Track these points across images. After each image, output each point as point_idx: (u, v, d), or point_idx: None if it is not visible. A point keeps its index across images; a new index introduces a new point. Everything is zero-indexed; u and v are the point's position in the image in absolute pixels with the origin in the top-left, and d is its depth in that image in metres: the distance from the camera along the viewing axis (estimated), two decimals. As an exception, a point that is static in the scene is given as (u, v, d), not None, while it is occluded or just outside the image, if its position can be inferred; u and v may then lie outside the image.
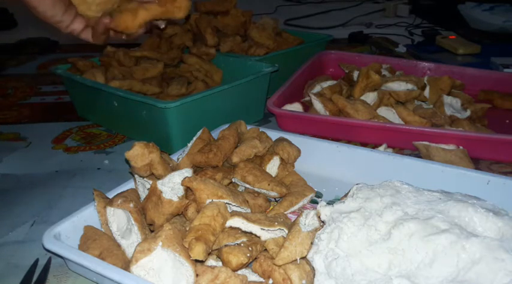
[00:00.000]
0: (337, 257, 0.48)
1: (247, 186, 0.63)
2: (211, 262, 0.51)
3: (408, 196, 0.53)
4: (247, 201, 0.58)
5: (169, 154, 0.68)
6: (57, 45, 1.63)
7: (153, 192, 0.53)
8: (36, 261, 0.56)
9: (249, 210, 0.57)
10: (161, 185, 0.54)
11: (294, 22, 1.78)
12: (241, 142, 0.69)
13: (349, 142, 0.82)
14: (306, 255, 0.49)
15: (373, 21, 1.80)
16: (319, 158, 0.73)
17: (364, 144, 0.83)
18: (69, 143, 0.90)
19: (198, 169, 0.65)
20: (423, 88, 0.92)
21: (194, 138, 0.67)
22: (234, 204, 0.54)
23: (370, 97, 0.91)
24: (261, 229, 0.52)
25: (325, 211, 0.54)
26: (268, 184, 0.62)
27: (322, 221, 0.54)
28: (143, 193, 0.60)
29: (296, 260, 0.48)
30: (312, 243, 0.50)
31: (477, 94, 1.01)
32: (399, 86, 0.91)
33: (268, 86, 0.96)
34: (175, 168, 0.62)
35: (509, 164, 0.76)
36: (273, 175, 0.68)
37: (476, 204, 0.50)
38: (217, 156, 0.62)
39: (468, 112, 0.88)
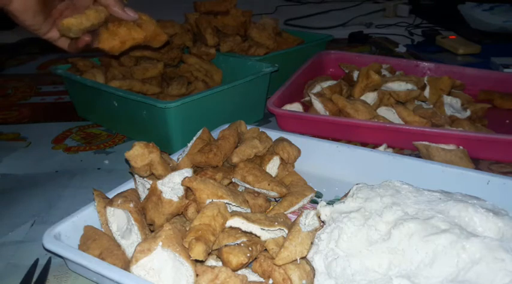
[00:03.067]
0: (337, 257, 0.48)
1: (247, 186, 0.63)
2: (211, 262, 0.51)
3: (408, 196, 0.53)
4: (247, 201, 0.58)
5: (169, 154, 0.68)
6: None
7: (153, 192, 0.53)
8: (36, 261, 0.56)
9: (249, 210, 0.57)
10: (161, 185, 0.54)
11: (294, 22, 1.78)
12: (241, 142, 0.69)
13: (349, 142, 0.82)
14: (306, 255, 0.49)
15: (373, 21, 1.80)
16: (319, 158, 0.73)
17: (364, 144, 0.83)
18: (69, 143, 0.90)
19: (198, 169, 0.65)
20: (423, 88, 0.92)
21: (194, 138, 0.67)
22: (234, 204, 0.54)
23: (370, 97, 0.91)
24: (261, 229, 0.52)
25: (325, 211, 0.54)
26: (268, 184, 0.62)
27: (322, 221, 0.54)
28: (143, 193, 0.60)
29: (296, 260, 0.48)
30: (312, 243, 0.50)
31: (477, 94, 1.01)
32: (399, 86, 0.91)
33: (268, 86, 0.96)
34: (175, 168, 0.62)
35: (509, 164, 0.76)
36: (273, 175, 0.68)
37: (476, 204, 0.50)
38: (217, 156, 0.62)
39: (468, 112, 0.88)
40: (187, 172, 0.56)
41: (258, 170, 0.64)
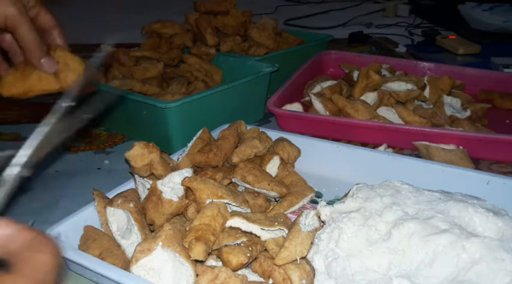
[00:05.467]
0: (337, 257, 0.48)
1: (247, 186, 0.63)
2: (211, 262, 0.51)
3: (408, 196, 0.53)
4: (247, 201, 0.58)
5: (169, 154, 0.68)
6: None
7: (153, 192, 0.53)
8: None
9: (249, 210, 0.57)
10: (161, 185, 0.54)
11: (294, 22, 1.78)
12: (241, 142, 0.69)
13: (349, 142, 0.82)
14: (306, 255, 0.49)
15: (373, 21, 1.80)
16: (319, 158, 0.73)
17: (364, 144, 0.83)
18: (69, 143, 0.90)
19: (198, 169, 0.65)
20: (423, 88, 0.92)
21: (194, 138, 0.67)
22: (234, 204, 0.54)
23: (370, 97, 0.91)
24: (261, 229, 0.52)
25: (325, 211, 0.54)
26: (268, 184, 0.62)
27: (322, 221, 0.54)
28: (143, 193, 0.60)
29: (296, 260, 0.48)
30: (312, 243, 0.50)
31: (477, 94, 1.01)
32: (399, 86, 0.91)
33: (268, 86, 0.96)
34: (175, 168, 0.62)
35: (509, 164, 0.76)
36: (273, 175, 0.68)
37: (476, 204, 0.50)
38: (217, 156, 0.62)
39: (468, 112, 0.88)
40: (187, 172, 0.56)
41: (258, 170, 0.64)
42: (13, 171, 0.41)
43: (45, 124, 0.46)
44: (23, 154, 0.44)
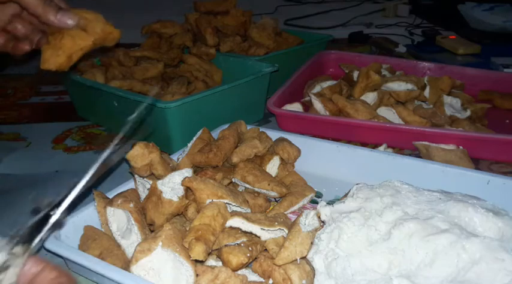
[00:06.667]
0: (337, 257, 0.48)
1: (247, 186, 0.63)
2: (211, 262, 0.51)
3: (408, 196, 0.53)
4: (247, 201, 0.58)
5: (169, 154, 0.68)
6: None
7: (153, 192, 0.53)
8: None
9: (249, 210, 0.57)
10: (161, 185, 0.54)
11: (294, 22, 1.78)
12: (241, 142, 0.69)
13: (349, 142, 0.82)
14: (306, 255, 0.49)
15: (373, 21, 1.80)
16: (319, 158, 0.73)
17: (364, 144, 0.83)
18: (69, 143, 0.90)
19: (198, 169, 0.65)
20: (423, 88, 0.92)
21: (194, 138, 0.67)
22: (234, 203, 0.54)
23: (370, 97, 0.91)
24: (261, 229, 0.52)
25: (325, 211, 0.54)
26: (268, 184, 0.62)
27: (322, 221, 0.54)
28: (143, 193, 0.60)
29: (296, 260, 0.48)
30: (312, 243, 0.50)
31: (477, 94, 1.01)
32: (399, 86, 0.91)
33: (268, 86, 0.96)
34: (175, 168, 0.62)
35: (509, 164, 0.76)
36: (273, 175, 0.68)
37: (476, 204, 0.50)
38: (217, 156, 0.62)
39: (468, 112, 0.88)
40: (187, 172, 0.56)
41: (258, 170, 0.64)
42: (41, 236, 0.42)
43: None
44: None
